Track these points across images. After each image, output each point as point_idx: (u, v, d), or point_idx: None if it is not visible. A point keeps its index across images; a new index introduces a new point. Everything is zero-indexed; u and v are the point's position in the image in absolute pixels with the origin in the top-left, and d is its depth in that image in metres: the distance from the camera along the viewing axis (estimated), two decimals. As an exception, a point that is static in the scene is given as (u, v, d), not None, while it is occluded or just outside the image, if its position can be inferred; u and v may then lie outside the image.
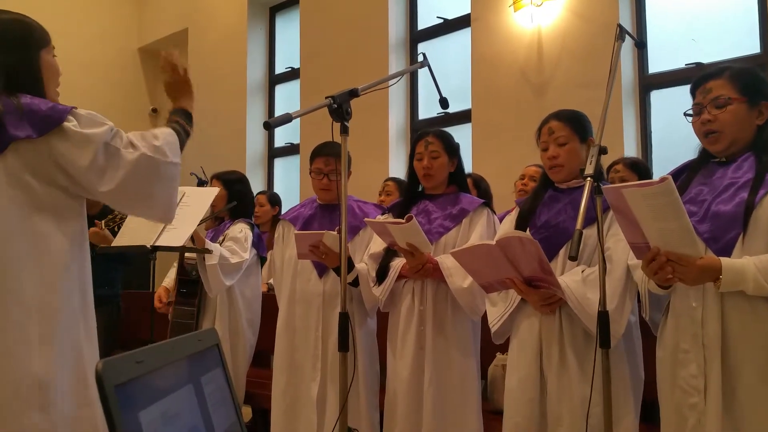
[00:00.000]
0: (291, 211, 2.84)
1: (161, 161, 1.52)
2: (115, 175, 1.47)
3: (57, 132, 1.43)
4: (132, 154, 1.48)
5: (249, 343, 3.10)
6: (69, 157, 1.44)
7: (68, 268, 1.48)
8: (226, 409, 0.82)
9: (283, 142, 6.27)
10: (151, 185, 1.53)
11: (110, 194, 1.49)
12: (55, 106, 1.45)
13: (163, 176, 1.54)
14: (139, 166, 1.49)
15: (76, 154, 1.44)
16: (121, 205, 1.62)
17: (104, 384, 0.52)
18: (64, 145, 1.44)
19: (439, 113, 4.74)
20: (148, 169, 1.51)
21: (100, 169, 1.46)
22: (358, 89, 1.92)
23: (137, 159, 1.49)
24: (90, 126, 1.46)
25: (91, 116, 1.48)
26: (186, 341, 0.78)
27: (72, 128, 1.44)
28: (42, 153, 1.44)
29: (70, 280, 1.48)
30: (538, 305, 1.91)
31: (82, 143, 1.44)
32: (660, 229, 1.46)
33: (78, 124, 1.45)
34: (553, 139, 2.00)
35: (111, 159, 1.47)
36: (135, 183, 1.50)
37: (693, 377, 1.56)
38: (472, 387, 2.28)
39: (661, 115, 3.88)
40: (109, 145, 1.46)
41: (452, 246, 2.32)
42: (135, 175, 1.49)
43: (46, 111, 1.43)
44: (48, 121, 1.42)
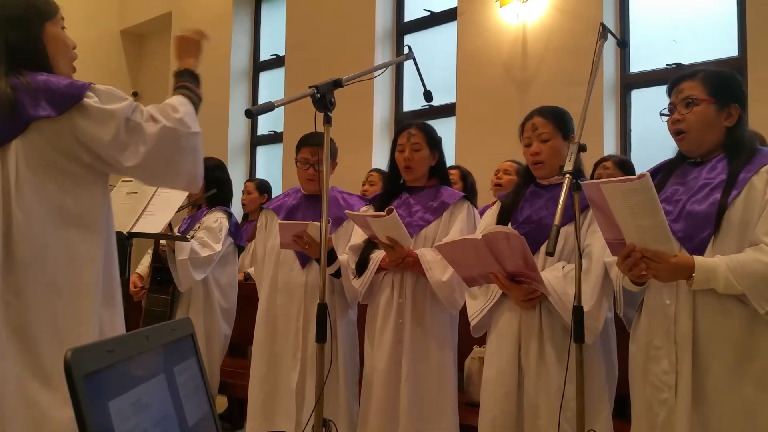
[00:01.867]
0: (275, 201, 2.82)
1: (184, 132, 1.50)
2: (139, 150, 1.45)
3: (77, 109, 1.41)
4: (154, 128, 1.46)
5: (224, 333, 3.08)
6: (91, 133, 1.42)
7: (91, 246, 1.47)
8: (198, 399, 0.81)
9: (266, 130, 6.23)
10: (175, 157, 1.51)
11: (136, 169, 1.47)
12: (72, 83, 1.42)
13: (187, 147, 1.52)
14: (162, 140, 1.47)
15: (99, 130, 1.42)
16: (147, 179, 1.59)
17: (73, 373, 0.51)
18: (86, 122, 1.41)
19: (423, 106, 4.74)
20: (172, 141, 1.49)
21: (123, 144, 1.44)
22: (342, 80, 1.91)
23: (159, 132, 1.47)
24: (110, 101, 1.44)
25: (110, 91, 1.46)
26: (159, 330, 0.78)
27: (93, 104, 1.41)
28: (64, 131, 1.42)
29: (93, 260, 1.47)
30: (520, 300, 1.92)
31: (104, 119, 1.42)
32: (636, 225, 1.48)
33: (98, 100, 1.43)
34: (536, 135, 2.00)
35: (133, 134, 1.45)
36: (159, 156, 1.48)
37: (664, 373, 1.59)
38: (449, 379, 2.30)
39: (641, 114, 3.93)
40: (130, 120, 1.44)
41: (432, 239, 2.32)
42: (158, 148, 1.47)
43: (64, 88, 1.41)
44: (67, 98, 1.40)
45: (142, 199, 2.73)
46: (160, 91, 6.91)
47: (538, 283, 1.84)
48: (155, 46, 7.33)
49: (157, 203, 2.72)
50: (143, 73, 7.46)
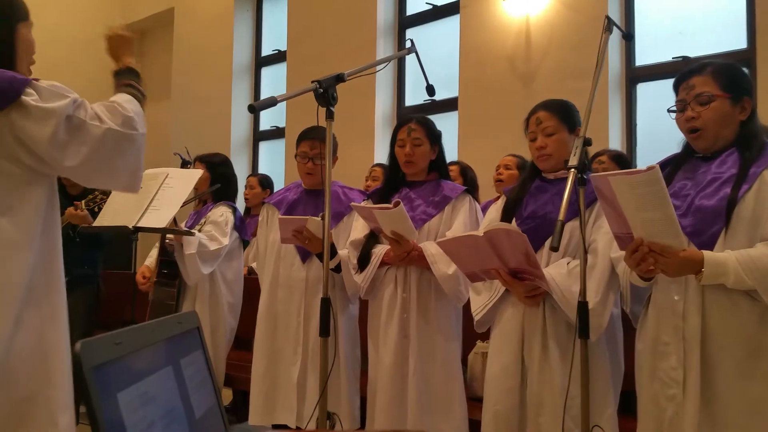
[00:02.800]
0: (276, 195, 2.82)
1: (131, 135, 1.47)
2: (80, 150, 1.41)
3: (15, 106, 1.36)
4: (98, 128, 1.42)
5: (229, 326, 3.09)
6: (29, 132, 1.37)
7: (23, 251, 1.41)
8: (205, 391, 0.81)
9: (268, 126, 6.23)
10: (118, 158, 1.47)
11: (75, 169, 1.43)
12: (13, 78, 1.38)
13: (131, 149, 1.49)
14: (106, 141, 1.43)
15: (36, 128, 1.37)
16: (85, 179, 1.55)
17: (82, 365, 0.51)
18: (24, 121, 1.37)
19: (425, 100, 4.73)
20: (116, 143, 1.45)
21: (63, 143, 1.39)
22: (345, 74, 1.91)
23: (104, 133, 1.43)
24: (51, 99, 1.39)
25: (54, 88, 1.41)
26: (166, 323, 0.78)
27: (31, 102, 1.37)
28: (2, 128, 1.37)
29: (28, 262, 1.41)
30: (523, 297, 1.92)
31: (43, 117, 1.37)
32: (644, 219, 1.47)
33: (38, 97, 1.38)
34: (540, 129, 1.99)
35: (75, 133, 1.40)
36: (101, 157, 1.44)
37: (672, 369, 1.58)
38: (456, 372, 2.30)
39: (646, 108, 3.91)
40: (72, 117, 1.40)
41: (435, 233, 2.32)
42: (102, 149, 1.43)
43: (4, 84, 1.36)
44: (5, 95, 1.35)
45: (148, 194, 2.73)
46: (162, 86, 6.91)
47: (541, 280, 1.84)
48: (158, 42, 7.31)
49: (162, 198, 2.73)
50: (145, 68, 7.44)
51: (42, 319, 1.44)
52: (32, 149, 1.39)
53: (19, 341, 1.39)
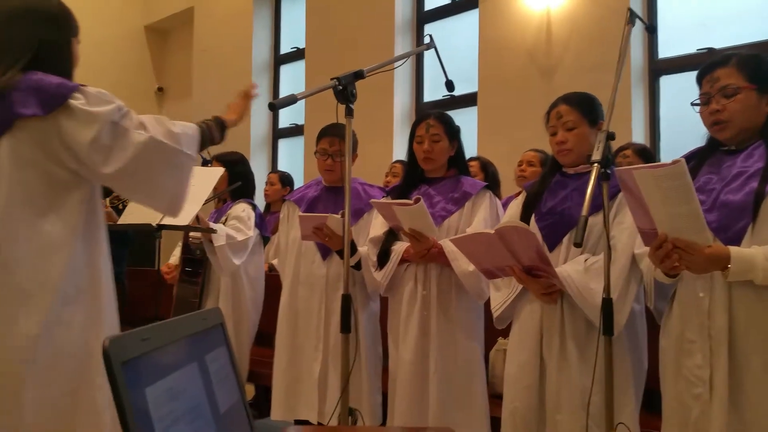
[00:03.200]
0: (296, 192, 2.84)
1: (172, 148, 1.48)
2: (121, 156, 1.43)
3: (63, 109, 1.40)
4: (141, 136, 1.45)
5: (252, 322, 3.12)
6: (73, 134, 1.41)
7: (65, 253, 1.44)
8: (229, 386, 0.82)
9: (287, 123, 6.26)
10: (158, 171, 1.48)
11: (114, 176, 1.45)
12: (62, 83, 1.43)
13: (173, 165, 1.50)
14: (147, 149, 1.45)
15: (80, 131, 1.40)
16: (124, 189, 1.56)
17: (111, 360, 0.52)
18: (70, 123, 1.41)
19: (444, 96, 4.71)
20: (157, 153, 1.47)
21: (105, 148, 1.42)
22: (364, 71, 1.91)
23: (146, 141, 1.45)
24: (97, 104, 1.43)
25: (100, 94, 1.45)
26: (191, 320, 0.79)
27: (78, 106, 1.41)
28: (49, 131, 1.42)
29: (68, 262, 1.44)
30: (539, 294, 1.90)
31: (88, 120, 1.41)
32: (669, 213, 1.44)
33: (86, 101, 1.42)
34: (561, 124, 1.96)
35: (118, 139, 1.43)
36: (140, 168, 1.45)
37: (698, 367, 1.55)
38: (478, 370, 2.29)
39: (670, 101, 3.85)
40: (116, 124, 1.43)
41: (455, 229, 2.31)
42: (142, 157, 1.44)
43: (54, 88, 1.41)
44: (55, 98, 1.40)
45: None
46: (183, 85, 6.98)
47: (554, 278, 1.82)
48: (178, 41, 7.39)
49: (184, 195, 2.76)
50: (167, 68, 7.53)
51: (84, 318, 1.47)
52: (76, 152, 1.43)
53: (59, 340, 1.42)
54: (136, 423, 0.52)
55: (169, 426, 0.59)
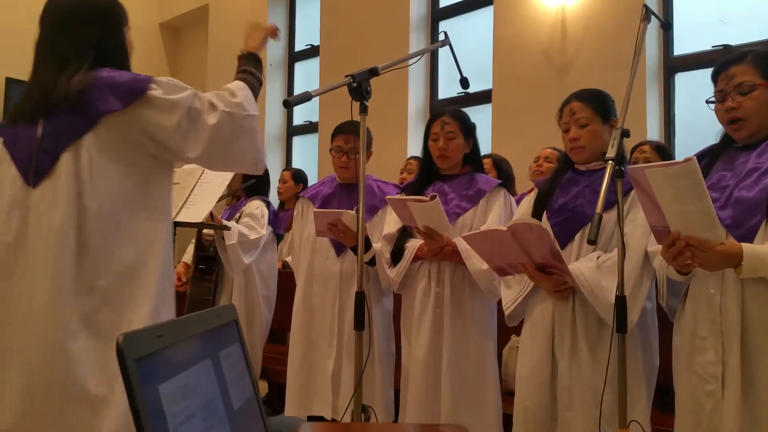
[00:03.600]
0: (310, 189, 2.85)
1: (242, 116, 1.54)
2: (200, 138, 1.49)
3: (142, 101, 1.45)
4: (214, 115, 1.50)
5: (265, 319, 3.14)
6: (157, 122, 1.46)
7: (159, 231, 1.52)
8: (243, 383, 0.83)
9: (301, 120, 6.27)
10: (235, 141, 1.55)
11: (199, 158, 1.52)
12: (136, 77, 1.48)
13: (245, 130, 1.56)
14: (221, 126, 1.51)
15: (164, 119, 1.46)
16: (211, 165, 1.65)
17: (125, 357, 0.53)
18: (151, 113, 1.46)
19: (459, 93, 4.70)
20: (231, 127, 1.53)
21: (185, 132, 1.48)
22: (378, 68, 1.91)
23: (219, 118, 1.51)
24: (173, 92, 1.48)
25: (172, 82, 1.50)
26: (205, 316, 0.79)
27: (157, 96, 1.46)
28: (130, 123, 1.46)
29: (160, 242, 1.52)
30: (551, 291, 1.90)
31: (169, 108, 1.46)
32: (681, 212, 1.44)
33: (162, 91, 1.47)
34: (574, 120, 1.96)
35: (194, 122, 1.49)
36: (220, 142, 1.52)
37: (710, 364, 1.55)
38: (491, 368, 2.28)
39: (685, 99, 3.81)
40: (192, 108, 1.49)
41: (469, 227, 2.31)
42: (219, 134, 1.51)
43: (128, 82, 1.45)
44: (132, 91, 1.45)
45: (185, 189, 2.79)
46: (197, 83, 7.02)
47: (567, 275, 1.81)
48: (193, 39, 7.43)
49: (199, 193, 2.78)
50: (182, 65, 7.58)
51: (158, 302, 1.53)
52: (159, 139, 1.48)
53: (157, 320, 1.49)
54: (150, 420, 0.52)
55: (183, 422, 0.60)
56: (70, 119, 1.45)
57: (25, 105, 1.51)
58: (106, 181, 1.46)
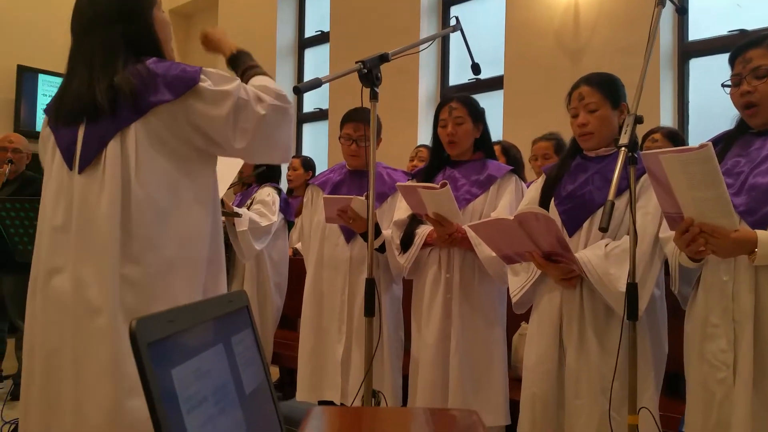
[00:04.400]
0: (320, 176, 2.85)
1: (286, 108, 1.56)
2: (247, 128, 1.49)
3: (193, 92, 1.46)
4: (262, 107, 1.51)
5: (276, 306, 3.16)
6: (206, 113, 1.46)
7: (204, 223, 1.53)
8: (255, 368, 0.83)
9: (311, 107, 6.26)
10: (278, 133, 1.56)
11: (245, 149, 1.52)
12: (185, 68, 1.48)
13: (288, 120, 1.58)
14: (269, 117, 1.51)
15: (214, 110, 1.46)
16: (252, 157, 1.64)
17: (138, 341, 0.53)
18: (201, 104, 1.46)
19: (470, 79, 4.67)
20: (277, 117, 1.54)
21: (234, 123, 1.48)
22: (389, 54, 1.90)
23: (268, 110, 1.51)
24: (222, 83, 1.48)
25: (220, 74, 1.51)
26: (217, 302, 0.80)
27: (207, 87, 1.46)
28: (179, 114, 1.47)
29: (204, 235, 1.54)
30: (558, 279, 1.89)
31: (219, 99, 1.47)
32: (695, 198, 1.42)
33: (212, 82, 1.47)
34: (583, 106, 1.93)
35: (241, 113, 1.49)
36: (265, 133, 1.53)
37: (722, 352, 1.54)
38: (499, 355, 2.29)
39: (699, 85, 3.76)
40: (240, 99, 1.49)
41: (479, 213, 2.30)
42: (266, 125, 1.52)
43: (179, 73, 1.46)
44: (183, 83, 1.45)
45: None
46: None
47: (574, 264, 1.81)
48: (204, 25, 7.41)
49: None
50: (192, 51, 7.57)
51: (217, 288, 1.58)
52: (206, 131, 1.49)
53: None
54: (163, 403, 0.53)
55: (196, 406, 0.60)
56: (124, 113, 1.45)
57: (61, 111, 1.53)
58: (154, 170, 1.46)
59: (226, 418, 0.67)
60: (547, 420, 1.91)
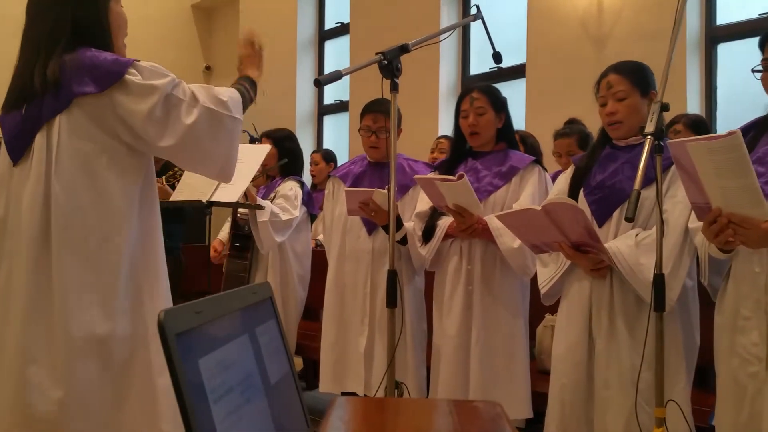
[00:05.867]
0: (341, 168, 2.85)
1: (224, 115, 1.51)
2: (177, 128, 1.46)
3: (119, 85, 1.43)
4: (195, 107, 1.47)
5: (299, 297, 3.18)
6: (129, 108, 1.44)
7: (129, 223, 1.50)
8: (279, 358, 0.84)
9: (332, 99, 6.27)
10: (212, 140, 1.51)
11: (172, 149, 1.48)
12: (117, 60, 1.45)
13: (225, 131, 1.52)
14: (201, 120, 1.47)
15: (136, 105, 1.43)
16: (181, 161, 1.61)
17: (166, 332, 0.54)
18: (126, 98, 1.44)
19: (491, 68, 4.62)
20: (211, 122, 1.49)
21: (159, 120, 1.45)
22: (409, 45, 1.89)
23: (199, 112, 1.47)
24: (152, 77, 1.45)
25: (154, 68, 1.48)
26: (241, 293, 0.81)
27: (134, 80, 1.44)
28: (105, 107, 1.45)
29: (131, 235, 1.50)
30: (588, 270, 1.88)
31: (143, 94, 1.43)
32: (723, 187, 1.39)
33: (141, 76, 1.45)
34: (611, 94, 1.91)
35: (172, 111, 1.46)
36: (197, 138, 1.48)
37: (754, 345, 1.51)
38: (521, 346, 2.28)
39: (727, 70, 3.67)
40: (171, 96, 1.46)
41: (501, 205, 2.29)
42: (197, 128, 1.47)
43: (109, 65, 1.43)
44: (110, 75, 1.43)
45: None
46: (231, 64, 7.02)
47: (603, 254, 1.79)
48: (225, 19, 7.45)
49: (233, 173, 2.82)
50: (214, 46, 7.62)
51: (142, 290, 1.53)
52: (131, 126, 1.46)
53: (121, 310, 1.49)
54: (190, 393, 0.54)
55: (222, 396, 0.61)
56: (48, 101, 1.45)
57: (9, 94, 1.54)
58: (75, 165, 1.44)
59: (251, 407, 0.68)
60: (576, 411, 1.90)
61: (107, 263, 1.47)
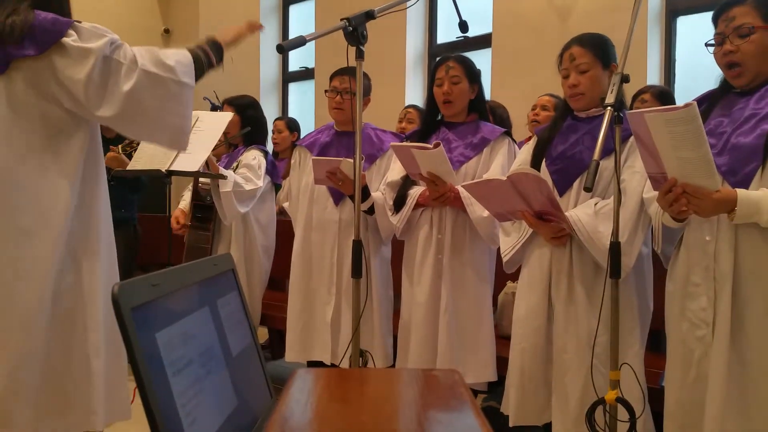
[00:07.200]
0: (308, 137, 2.82)
1: (168, 79, 1.42)
2: (115, 95, 1.38)
3: (57, 48, 1.36)
4: (134, 70, 1.39)
5: (264, 268, 3.16)
6: (67, 72, 1.36)
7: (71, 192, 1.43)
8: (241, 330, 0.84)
9: (297, 66, 6.15)
10: (157, 108, 1.43)
11: (113, 119, 1.41)
12: (56, 20, 1.37)
13: (170, 96, 1.43)
14: (140, 86, 1.39)
15: (73, 68, 1.36)
16: (126, 130, 1.52)
17: (121, 306, 0.53)
18: (64, 61, 1.36)
19: (458, 37, 4.60)
20: (153, 88, 1.41)
21: (98, 84, 1.37)
22: (375, 11, 1.86)
23: (139, 76, 1.39)
24: (89, 39, 1.37)
25: (94, 29, 1.40)
26: (202, 265, 0.80)
27: (71, 43, 1.36)
28: (43, 70, 1.37)
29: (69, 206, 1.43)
30: (549, 237, 1.92)
31: (80, 57, 1.36)
32: (679, 158, 1.43)
33: (78, 37, 1.37)
34: (574, 66, 1.93)
35: (111, 76, 1.38)
36: (138, 104, 1.40)
37: (702, 310, 1.58)
38: (487, 312, 2.33)
39: (687, 43, 3.73)
40: (109, 59, 1.38)
41: (472, 175, 2.31)
42: (136, 95, 1.39)
43: (47, 25, 1.36)
44: (47, 36, 1.35)
45: (179, 137, 2.75)
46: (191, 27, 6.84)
47: (565, 222, 1.83)
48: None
49: (193, 141, 2.74)
50: (174, 9, 7.37)
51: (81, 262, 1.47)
52: (71, 91, 1.38)
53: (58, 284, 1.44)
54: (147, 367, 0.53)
55: (181, 369, 0.61)
56: None
57: None
58: (11, 134, 1.38)
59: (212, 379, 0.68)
60: (535, 374, 1.96)
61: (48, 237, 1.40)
